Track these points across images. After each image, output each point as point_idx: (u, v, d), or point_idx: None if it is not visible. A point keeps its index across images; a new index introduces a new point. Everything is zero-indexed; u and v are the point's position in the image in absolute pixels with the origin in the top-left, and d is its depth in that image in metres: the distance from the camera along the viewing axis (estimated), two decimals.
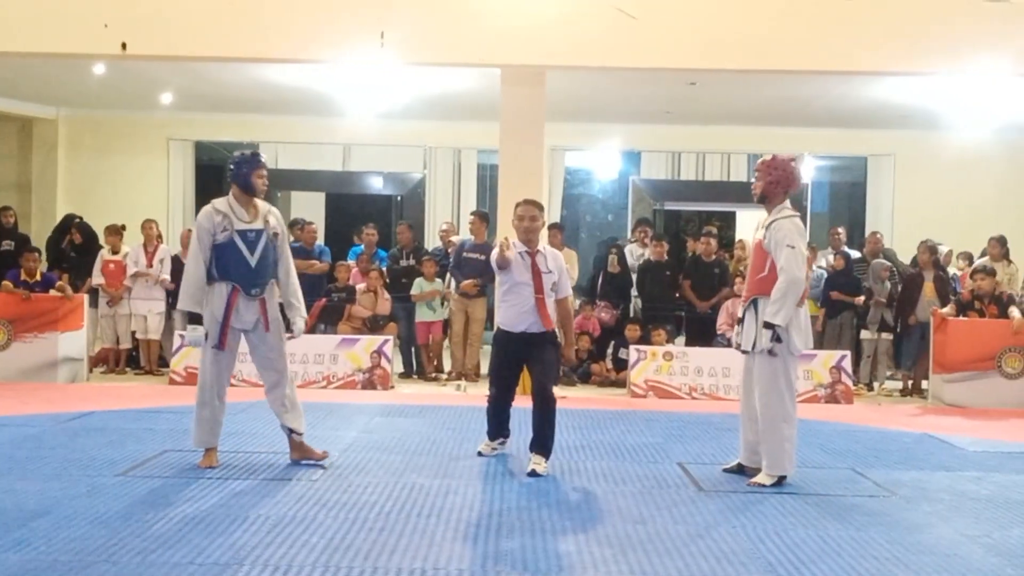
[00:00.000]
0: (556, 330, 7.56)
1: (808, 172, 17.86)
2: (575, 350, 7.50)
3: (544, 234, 8.56)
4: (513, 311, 7.38)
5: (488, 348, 12.49)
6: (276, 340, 7.08)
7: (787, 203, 7.00)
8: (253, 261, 6.90)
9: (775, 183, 6.93)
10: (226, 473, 6.85)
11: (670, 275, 13.16)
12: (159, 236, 13.14)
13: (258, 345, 7.08)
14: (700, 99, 14.68)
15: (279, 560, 4.92)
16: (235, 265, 6.89)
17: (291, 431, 7.19)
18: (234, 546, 5.13)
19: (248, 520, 5.63)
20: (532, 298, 7.31)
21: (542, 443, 7.28)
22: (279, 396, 7.10)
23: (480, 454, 7.84)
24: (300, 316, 7.21)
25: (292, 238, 13.79)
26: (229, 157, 7.26)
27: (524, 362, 7.59)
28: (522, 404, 7.68)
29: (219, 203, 6.97)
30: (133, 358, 12.91)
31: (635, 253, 13.83)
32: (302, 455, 7.26)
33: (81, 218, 13.54)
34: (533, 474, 7.11)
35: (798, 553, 5.26)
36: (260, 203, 7.06)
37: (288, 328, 7.20)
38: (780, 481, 6.86)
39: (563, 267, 7.62)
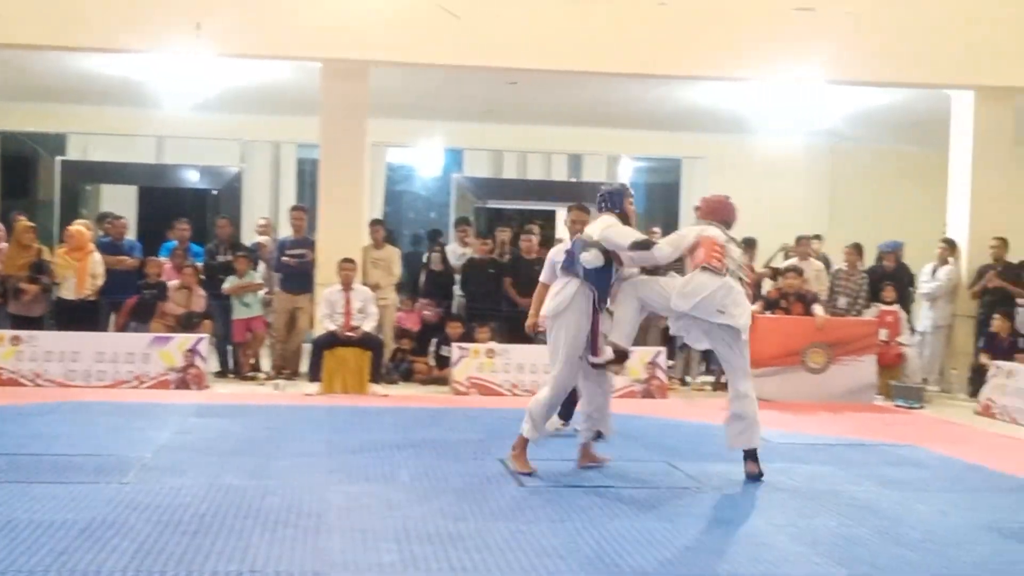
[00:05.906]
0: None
1: (626, 173, 18.28)
2: None
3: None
4: None
5: (308, 347, 12.38)
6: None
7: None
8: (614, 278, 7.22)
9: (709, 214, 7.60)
10: (31, 476, 6.55)
11: (494, 273, 13.20)
12: None
13: None
14: (521, 99, 14.84)
15: (87, 566, 4.72)
16: (599, 280, 7.12)
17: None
18: (39, 552, 4.90)
19: (54, 525, 5.38)
20: None
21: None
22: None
23: None
24: None
25: (101, 232, 13.35)
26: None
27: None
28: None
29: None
30: None
31: (457, 252, 13.84)
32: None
33: None
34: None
35: (615, 545, 5.35)
36: None
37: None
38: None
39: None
